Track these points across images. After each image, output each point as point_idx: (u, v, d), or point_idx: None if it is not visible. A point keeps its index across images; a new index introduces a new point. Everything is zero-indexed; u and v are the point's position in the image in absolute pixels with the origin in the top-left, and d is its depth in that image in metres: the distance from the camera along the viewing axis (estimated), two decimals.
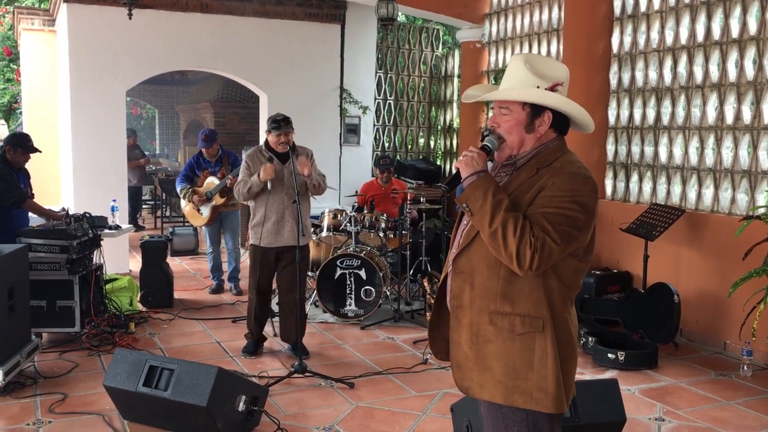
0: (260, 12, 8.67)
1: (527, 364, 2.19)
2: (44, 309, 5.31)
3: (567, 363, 2.24)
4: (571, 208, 2.12)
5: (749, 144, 5.55)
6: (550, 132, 2.24)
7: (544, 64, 2.25)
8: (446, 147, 10.01)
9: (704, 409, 4.44)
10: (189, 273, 8.31)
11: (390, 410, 4.32)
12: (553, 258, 2.13)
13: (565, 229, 2.11)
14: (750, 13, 5.50)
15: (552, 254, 2.12)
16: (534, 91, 2.22)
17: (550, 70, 2.24)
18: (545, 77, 2.22)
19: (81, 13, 7.86)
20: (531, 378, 2.19)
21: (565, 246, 2.13)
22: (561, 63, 2.30)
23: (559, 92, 2.23)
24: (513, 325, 2.20)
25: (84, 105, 7.93)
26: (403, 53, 10.02)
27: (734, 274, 4.90)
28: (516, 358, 2.21)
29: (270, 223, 5.12)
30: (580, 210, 2.12)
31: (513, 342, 2.21)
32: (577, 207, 2.12)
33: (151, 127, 18.52)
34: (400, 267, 6.72)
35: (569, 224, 2.11)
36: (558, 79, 2.23)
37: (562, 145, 2.27)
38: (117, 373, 3.85)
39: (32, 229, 5.46)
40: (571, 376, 2.26)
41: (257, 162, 5.17)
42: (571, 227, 2.12)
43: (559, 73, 2.25)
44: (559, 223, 2.11)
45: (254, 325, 5.35)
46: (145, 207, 13.71)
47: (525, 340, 2.20)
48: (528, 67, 2.22)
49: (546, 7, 7.65)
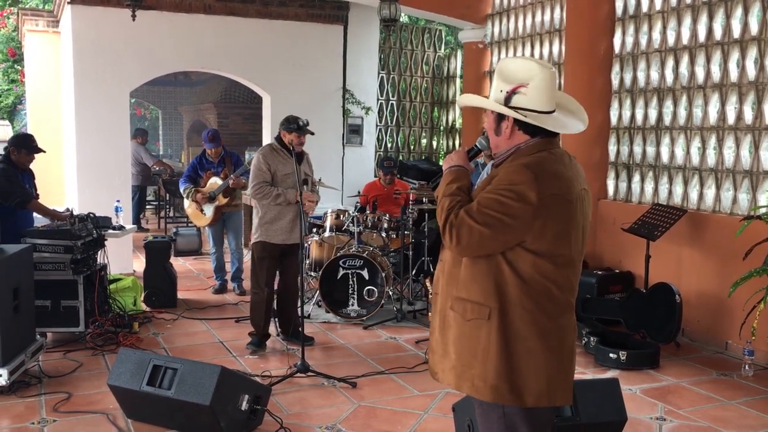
0: (263, 13, 8.70)
1: (472, 352, 2.27)
2: (49, 309, 5.34)
3: (521, 358, 2.24)
4: (505, 195, 2.16)
5: (751, 144, 5.56)
6: (521, 134, 2.28)
7: (511, 67, 2.28)
8: (448, 147, 10.02)
9: (705, 408, 4.45)
10: (192, 273, 8.34)
11: (392, 410, 4.34)
12: (478, 240, 2.18)
13: (492, 214, 2.16)
14: (751, 13, 5.51)
15: (473, 234, 2.18)
16: (477, 98, 2.34)
17: (515, 72, 2.27)
18: (508, 80, 2.27)
19: (85, 14, 7.89)
20: (475, 365, 2.26)
21: (491, 230, 2.17)
22: (532, 62, 2.28)
23: (522, 93, 2.24)
24: (465, 311, 2.28)
25: (88, 106, 7.96)
26: (406, 54, 10.04)
27: (736, 274, 4.91)
28: (465, 345, 2.29)
29: (285, 221, 5.26)
30: (515, 198, 2.15)
31: (464, 328, 2.29)
32: (512, 195, 2.16)
33: (154, 128, 18.56)
34: (402, 267, 6.74)
35: (499, 210, 2.16)
36: (520, 81, 2.25)
37: (540, 145, 2.27)
38: (121, 373, 3.89)
39: (37, 230, 5.49)
40: (527, 372, 2.25)
41: (276, 160, 5.27)
42: (502, 213, 2.16)
43: (523, 74, 2.25)
44: (488, 207, 2.18)
45: (262, 320, 5.39)
46: (149, 207, 13.74)
47: (472, 327, 2.26)
48: (497, 73, 2.30)
49: (548, 7, 7.66)
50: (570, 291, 2.31)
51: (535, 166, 2.18)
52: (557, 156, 2.27)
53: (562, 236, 2.22)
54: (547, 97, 2.27)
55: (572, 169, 2.30)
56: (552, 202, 2.17)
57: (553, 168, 2.22)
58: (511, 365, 2.24)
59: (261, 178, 5.25)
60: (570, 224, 2.23)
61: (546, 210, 2.16)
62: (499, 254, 2.23)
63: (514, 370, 2.24)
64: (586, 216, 2.33)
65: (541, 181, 2.16)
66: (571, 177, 2.25)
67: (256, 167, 5.31)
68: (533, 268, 2.21)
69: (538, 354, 2.25)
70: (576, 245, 2.28)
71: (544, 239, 2.19)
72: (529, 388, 2.26)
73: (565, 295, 2.29)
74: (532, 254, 2.20)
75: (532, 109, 2.25)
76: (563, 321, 2.30)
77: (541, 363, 2.25)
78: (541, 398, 2.28)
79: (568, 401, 2.35)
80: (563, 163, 2.26)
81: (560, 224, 2.20)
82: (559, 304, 2.28)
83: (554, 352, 2.28)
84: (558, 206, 2.19)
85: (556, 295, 2.25)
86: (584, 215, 2.32)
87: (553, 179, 2.19)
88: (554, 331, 2.27)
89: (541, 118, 2.25)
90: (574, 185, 2.25)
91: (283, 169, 5.26)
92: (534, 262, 2.20)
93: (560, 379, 2.31)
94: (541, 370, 2.26)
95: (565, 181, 2.22)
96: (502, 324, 2.22)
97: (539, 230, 2.18)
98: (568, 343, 2.34)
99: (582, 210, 2.29)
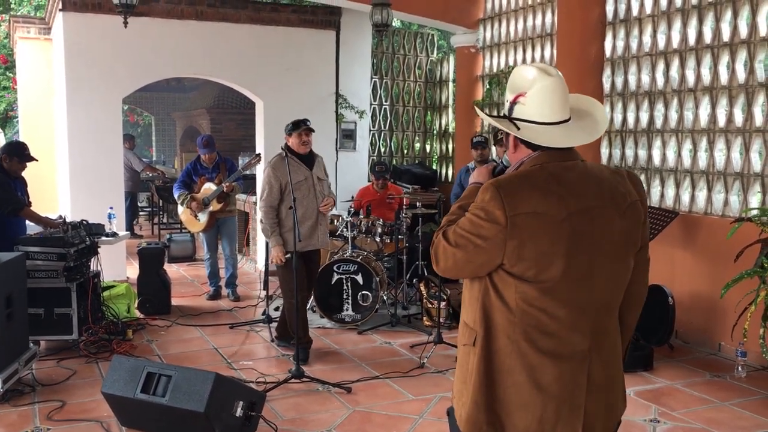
0: (255, 19, 8.71)
1: (462, 378, 2.14)
2: (42, 317, 5.33)
3: (505, 391, 2.03)
4: (477, 214, 2.02)
5: (741, 146, 5.59)
6: (523, 147, 2.12)
7: (514, 75, 2.15)
8: (442, 151, 10.04)
9: (699, 410, 4.47)
10: (186, 279, 8.33)
11: (387, 414, 4.35)
12: (453, 263, 2.08)
13: (465, 235, 2.03)
14: (741, 16, 5.55)
15: (447, 257, 2.09)
16: (480, 113, 2.23)
17: (515, 81, 2.14)
18: (511, 89, 2.14)
19: (77, 21, 7.89)
20: (464, 392, 2.12)
21: (464, 252, 2.04)
22: (532, 69, 2.10)
23: (521, 103, 2.10)
24: (462, 335, 2.18)
25: (80, 113, 7.95)
26: (399, 58, 10.06)
27: (728, 276, 4.93)
28: (459, 371, 2.18)
29: (305, 228, 5.24)
30: (485, 218, 1.99)
31: (460, 353, 2.19)
32: (482, 214, 2.00)
33: (147, 134, 18.54)
34: (396, 271, 6.75)
35: (470, 230, 2.03)
36: (521, 89, 2.10)
37: (538, 159, 2.08)
38: (115, 380, 3.88)
39: (30, 237, 5.48)
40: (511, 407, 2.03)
41: (286, 171, 5.01)
42: (473, 234, 2.02)
43: (521, 82, 2.10)
44: (462, 226, 2.06)
45: (300, 329, 5.16)
46: (142, 214, 13.71)
47: (464, 353, 2.15)
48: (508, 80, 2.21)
49: (539, 12, 7.70)
50: (569, 322, 2.01)
51: (505, 183, 2.01)
52: (550, 170, 2.04)
53: (546, 258, 1.97)
54: (549, 107, 2.06)
55: (572, 185, 2.03)
56: (526, 221, 1.96)
57: (530, 184, 2.00)
58: (494, 397, 2.04)
59: (268, 202, 5.20)
60: (556, 245, 1.97)
61: (518, 230, 1.96)
62: (487, 278, 2.06)
63: (496, 401, 2.04)
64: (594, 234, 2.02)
65: (510, 199, 1.97)
66: (563, 193, 2.00)
67: (266, 182, 5.25)
68: (517, 294, 2.00)
69: (525, 390, 2.01)
70: (577, 272, 2.00)
71: (522, 262, 1.98)
72: (515, 425, 2.03)
73: (561, 325, 2.00)
74: (514, 278, 2.00)
75: (531, 120, 2.07)
76: (565, 357, 2.01)
77: (529, 400, 2.01)
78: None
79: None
80: (555, 179, 2.02)
81: (542, 245, 1.97)
82: (554, 336, 2.01)
83: (547, 391, 2.00)
84: (536, 226, 1.97)
85: (547, 326, 2.00)
86: (596, 235, 2.02)
87: (526, 197, 1.98)
88: (547, 367, 2.00)
89: (537, 129, 2.06)
90: (565, 202, 1.99)
91: (295, 177, 5.11)
92: (517, 288, 2.00)
93: (561, 421, 2.02)
94: (530, 407, 2.01)
95: (547, 198, 1.98)
96: (486, 352, 2.05)
97: (514, 252, 1.97)
98: (570, 382, 2.02)
99: (583, 229, 2.00)
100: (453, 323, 6.35)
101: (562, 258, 1.98)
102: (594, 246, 2.02)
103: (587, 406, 2.05)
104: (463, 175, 7.01)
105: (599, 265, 2.03)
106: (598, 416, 2.08)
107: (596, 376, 2.05)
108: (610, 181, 2.09)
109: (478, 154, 6.70)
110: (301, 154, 5.29)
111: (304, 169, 5.25)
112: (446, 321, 6.27)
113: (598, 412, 2.07)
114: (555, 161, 2.06)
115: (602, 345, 2.07)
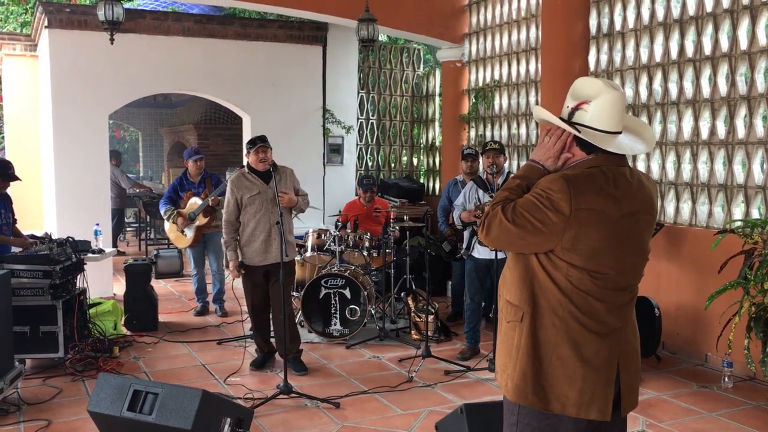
0: (242, 35, 8.74)
1: (508, 352, 2.34)
2: (27, 335, 5.28)
3: (550, 364, 2.25)
4: (539, 198, 2.22)
5: (725, 158, 5.65)
6: (577, 149, 2.32)
7: (579, 85, 2.35)
8: (429, 165, 10.08)
9: (686, 421, 4.49)
10: (174, 295, 8.29)
11: (376, 429, 4.33)
12: (505, 235, 2.26)
13: (525, 215, 2.23)
14: (722, 30, 5.63)
15: (501, 229, 2.26)
16: (544, 112, 2.38)
17: (581, 89, 2.33)
18: (574, 96, 2.34)
19: (62, 38, 7.88)
20: (509, 366, 2.33)
21: (519, 230, 2.23)
22: (599, 82, 2.31)
23: (583, 110, 2.29)
24: (507, 313, 2.37)
25: (66, 129, 7.93)
26: (385, 73, 10.11)
27: (713, 287, 4.96)
28: (504, 346, 2.37)
29: (258, 242, 5.28)
30: (548, 204, 2.20)
31: (505, 329, 2.37)
32: (545, 200, 2.21)
33: (134, 150, 18.49)
34: (384, 285, 6.75)
35: (531, 209, 2.22)
36: (585, 98, 2.30)
37: (592, 162, 2.28)
38: (101, 398, 3.84)
39: (15, 255, 5.45)
40: (556, 378, 2.25)
41: (241, 186, 5.33)
42: (532, 214, 2.22)
43: (587, 91, 2.30)
44: (522, 205, 2.25)
45: (259, 339, 5.56)
46: (129, 230, 13.65)
47: (509, 328, 2.34)
48: (569, 90, 2.37)
49: (524, 26, 7.77)
50: (608, 305, 2.28)
51: (574, 179, 2.22)
52: (607, 174, 2.25)
53: (599, 253, 2.22)
54: (608, 117, 2.27)
55: (625, 189, 2.26)
56: (587, 216, 2.19)
57: (595, 184, 2.22)
58: (539, 368, 2.26)
59: (227, 216, 5.35)
60: (609, 242, 2.23)
61: (578, 222, 2.19)
62: (536, 260, 2.27)
63: (541, 373, 2.26)
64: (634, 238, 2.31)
65: (577, 194, 2.18)
66: (618, 196, 2.23)
67: (226, 199, 5.41)
68: (567, 278, 2.23)
69: (570, 363, 2.24)
70: (618, 265, 2.27)
71: (576, 252, 2.21)
72: (557, 394, 2.25)
73: (602, 307, 2.26)
74: (566, 264, 2.23)
75: (591, 126, 2.27)
76: (604, 334, 2.27)
77: (573, 372, 2.24)
78: (569, 407, 2.25)
79: (604, 417, 2.27)
80: (612, 182, 2.24)
81: (594, 240, 2.21)
82: (595, 315, 2.25)
83: (589, 364, 2.24)
84: (593, 222, 2.20)
85: (590, 306, 2.25)
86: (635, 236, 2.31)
87: (591, 194, 2.20)
88: (591, 343, 2.25)
89: (598, 136, 2.27)
90: (620, 204, 2.23)
91: (248, 192, 5.29)
92: (568, 272, 2.23)
93: (596, 392, 2.25)
94: (573, 379, 2.24)
95: (606, 199, 2.21)
96: (533, 328, 2.27)
97: (570, 242, 2.20)
98: (608, 357, 2.28)
99: (629, 231, 2.27)
100: (441, 336, 6.35)
101: (608, 252, 2.24)
102: (633, 245, 2.31)
103: (622, 376, 2.32)
104: (450, 188, 7.01)
105: (632, 261, 2.34)
106: (632, 387, 2.37)
107: (628, 349, 2.35)
108: (648, 188, 2.37)
109: (468, 165, 6.71)
110: (259, 171, 5.33)
111: (260, 184, 5.29)
112: (434, 334, 6.27)
113: (630, 381, 2.36)
114: (612, 165, 2.29)
115: (629, 323, 2.37)
